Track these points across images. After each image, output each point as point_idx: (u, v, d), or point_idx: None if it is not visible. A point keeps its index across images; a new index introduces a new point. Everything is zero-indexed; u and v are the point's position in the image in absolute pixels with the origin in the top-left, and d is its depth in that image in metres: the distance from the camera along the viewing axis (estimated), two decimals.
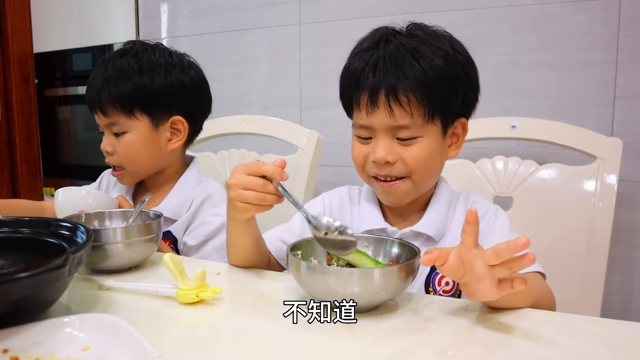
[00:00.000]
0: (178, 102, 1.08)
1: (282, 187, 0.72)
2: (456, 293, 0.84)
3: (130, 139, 1.06)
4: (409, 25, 0.83)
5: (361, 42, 0.84)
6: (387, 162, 0.79)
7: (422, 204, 0.89)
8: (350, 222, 0.92)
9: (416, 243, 0.84)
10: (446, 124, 0.82)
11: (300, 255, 0.71)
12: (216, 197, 1.11)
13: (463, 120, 0.85)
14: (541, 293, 0.73)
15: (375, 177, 0.83)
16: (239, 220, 0.80)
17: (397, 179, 0.81)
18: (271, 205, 0.74)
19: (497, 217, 0.86)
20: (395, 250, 0.74)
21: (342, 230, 0.67)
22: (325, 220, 0.68)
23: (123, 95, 1.03)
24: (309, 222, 0.69)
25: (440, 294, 0.83)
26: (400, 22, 0.86)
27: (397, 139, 0.80)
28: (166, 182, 1.13)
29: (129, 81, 1.03)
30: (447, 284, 0.83)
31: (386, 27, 0.83)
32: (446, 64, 0.78)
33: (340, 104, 0.88)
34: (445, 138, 0.83)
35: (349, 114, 0.87)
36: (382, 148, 0.79)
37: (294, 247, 0.71)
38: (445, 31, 0.83)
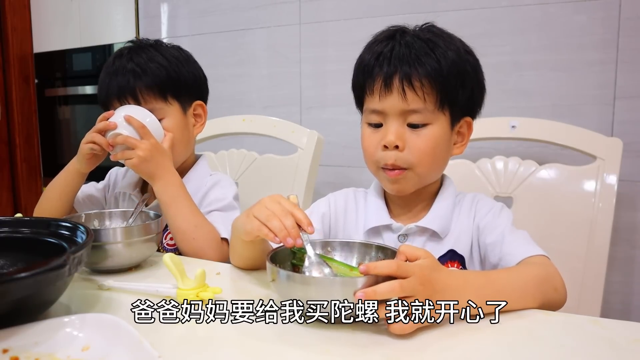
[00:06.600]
0: (196, 89, 1.14)
1: (308, 242, 0.70)
2: None
3: (168, 124, 1.07)
4: (424, 24, 0.86)
5: (376, 36, 0.86)
6: (396, 147, 0.80)
7: (427, 200, 0.89)
8: (355, 221, 0.92)
9: (421, 239, 0.85)
10: (454, 117, 0.83)
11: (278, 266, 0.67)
12: (225, 181, 1.14)
13: (469, 119, 0.86)
14: (540, 279, 0.70)
15: (383, 168, 0.84)
16: (248, 242, 0.76)
17: (403, 169, 0.82)
18: (276, 235, 0.68)
19: (502, 213, 0.87)
20: (372, 254, 0.73)
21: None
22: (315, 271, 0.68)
23: (161, 81, 1.06)
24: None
25: None
26: (400, 22, 0.87)
27: (408, 125, 0.81)
28: (180, 174, 1.14)
29: (162, 68, 1.07)
30: None
31: (401, 25, 0.86)
32: (458, 59, 0.81)
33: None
34: (452, 134, 0.85)
35: (360, 103, 0.88)
36: (393, 132, 0.80)
37: (273, 257, 0.68)
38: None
